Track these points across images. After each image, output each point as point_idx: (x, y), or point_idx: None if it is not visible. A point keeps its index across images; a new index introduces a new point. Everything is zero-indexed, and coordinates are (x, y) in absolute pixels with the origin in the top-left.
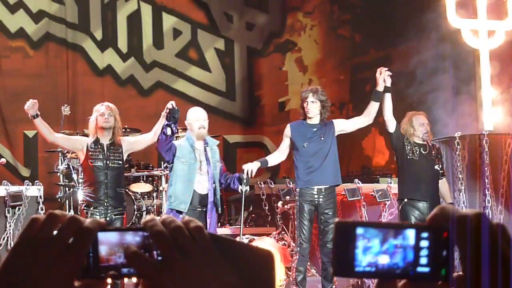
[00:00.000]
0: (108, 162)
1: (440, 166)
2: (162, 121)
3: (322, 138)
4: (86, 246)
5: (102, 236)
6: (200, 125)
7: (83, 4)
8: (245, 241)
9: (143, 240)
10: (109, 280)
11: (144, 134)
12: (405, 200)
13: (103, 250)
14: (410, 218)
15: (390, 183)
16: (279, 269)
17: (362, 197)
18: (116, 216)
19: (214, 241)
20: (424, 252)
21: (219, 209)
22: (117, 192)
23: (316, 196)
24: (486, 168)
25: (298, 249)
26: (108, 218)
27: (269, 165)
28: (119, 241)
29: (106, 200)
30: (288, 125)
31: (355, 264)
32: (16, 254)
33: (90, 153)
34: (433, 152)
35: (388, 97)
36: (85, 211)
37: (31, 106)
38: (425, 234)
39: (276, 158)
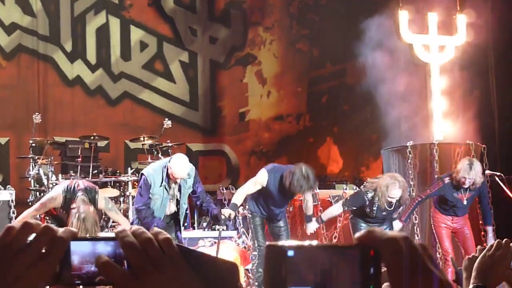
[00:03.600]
0: None
1: (397, 213)
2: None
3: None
4: (59, 255)
5: (74, 245)
6: (179, 179)
7: (54, 17)
8: (207, 244)
9: (114, 250)
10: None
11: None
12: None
13: (75, 258)
14: (359, 228)
15: (346, 189)
16: (240, 272)
17: (319, 203)
18: None
19: (182, 253)
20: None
21: (181, 226)
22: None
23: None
24: (436, 176)
25: (258, 252)
26: None
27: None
28: (91, 250)
29: None
30: (266, 174)
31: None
32: None
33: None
34: (392, 208)
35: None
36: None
37: None
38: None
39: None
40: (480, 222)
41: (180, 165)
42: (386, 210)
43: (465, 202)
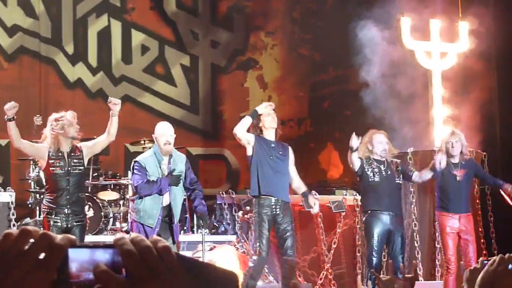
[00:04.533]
0: (69, 168)
1: (400, 178)
2: (113, 121)
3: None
4: (57, 262)
5: (72, 252)
6: (165, 141)
7: (56, 19)
8: (207, 248)
9: (113, 257)
10: None
11: (100, 137)
12: (369, 211)
13: (73, 266)
14: (373, 229)
15: (346, 195)
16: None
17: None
18: (77, 223)
19: (181, 261)
20: None
21: (174, 219)
22: (79, 197)
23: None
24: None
25: (256, 257)
26: (69, 225)
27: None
28: (89, 258)
29: (68, 206)
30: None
31: None
32: None
33: (52, 160)
34: (392, 167)
35: (355, 154)
36: (47, 219)
37: (11, 107)
38: None
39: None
40: (480, 230)
41: (161, 124)
42: (384, 171)
43: (458, 179)
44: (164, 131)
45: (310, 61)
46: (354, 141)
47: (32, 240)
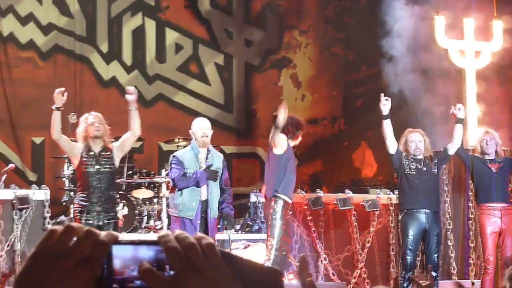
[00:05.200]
0: (100, 167)
1: (437, 167)
2: (132, 114)
3: None
4: (101, 259)
5: (116, 249)
6: (203, 133)
7: (91, 18)
8: (241, 246)
9: (156, 254)
10: None
11: (125, 134)
12: (405, 210)
13: (117, 263)
14: (408, 228)
15: (379, 193)
16: None
17: (353, 207)
18: (108, 221)
19: (225, 259)
20: None
21: (210, 214)
22: (110, 195)
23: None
24: (470, 182)
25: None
26: (100, 223)
27: None
28: (132, 255)
29: (99, 204)
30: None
31: None
32: (32, 263)
33: (84, 159)
34: (428, 162)
35: (388, 122)
36: (78, 217)
37: (59, 96)
38: None
39: None
40: None
41: (199, 118)
42: (421, 169)
43: (494, 171)
44: (202, 125)
45: (343, 60)
46: (383, 105)
47: (76, 237)
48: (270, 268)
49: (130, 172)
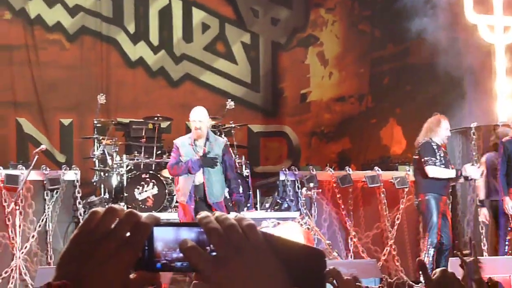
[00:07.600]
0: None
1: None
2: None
3: None
4: (143, 240)
5: (157, 230)
6: (195, 127)
7: None
8: (270, 224)
9: (198, 236)
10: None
11: None
12: (430, 193)
13: (158, 244)
14: (433, 208)
15: (409, 171)
16: None
17: (382, 184)
18: None
19: (266, 240)
20: None
21: (209, 198)
22: None
23: None
24: (499, 158)
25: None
26: None
27: None
28: (174, 236)
29: None
30: None
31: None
32: (75, 245)
33: None
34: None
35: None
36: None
37: None
38: None
39: None
40: None
41: (193, 109)
42: (444, 156)
43: None
44: (193, 117)
45: (370, 37)
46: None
47: (118, 219)
48: (312, 248)
49: (159, 152)
